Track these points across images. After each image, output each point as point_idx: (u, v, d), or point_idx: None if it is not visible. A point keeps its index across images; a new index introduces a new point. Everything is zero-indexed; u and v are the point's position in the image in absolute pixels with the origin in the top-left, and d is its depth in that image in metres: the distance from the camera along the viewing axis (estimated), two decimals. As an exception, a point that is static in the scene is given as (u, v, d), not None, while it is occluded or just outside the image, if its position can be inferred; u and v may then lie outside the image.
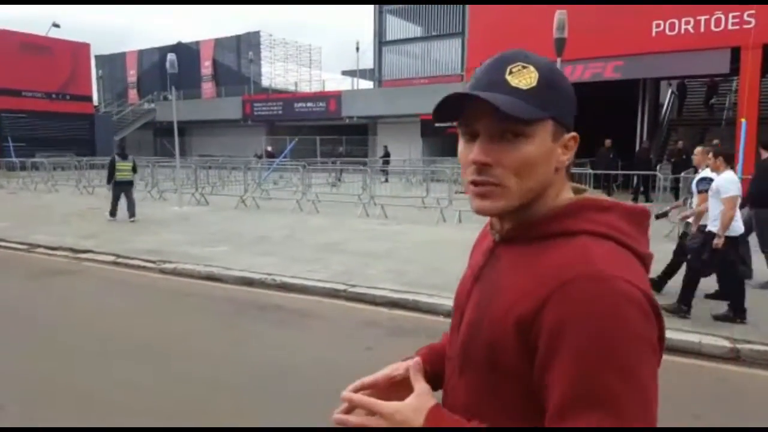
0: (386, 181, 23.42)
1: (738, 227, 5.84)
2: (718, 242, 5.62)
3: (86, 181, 20.59)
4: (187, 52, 48.75)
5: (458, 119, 0.98)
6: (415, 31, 39.10)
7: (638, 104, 17.79)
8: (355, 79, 43.26)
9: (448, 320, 1.16)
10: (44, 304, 6.70)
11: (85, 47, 38.69)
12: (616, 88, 17.29)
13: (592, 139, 15.24)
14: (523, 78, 0.93)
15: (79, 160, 22.88)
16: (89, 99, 39.52)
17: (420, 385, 1.02)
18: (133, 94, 51.95)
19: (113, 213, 12.97)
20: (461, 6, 35.79)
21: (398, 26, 39.49)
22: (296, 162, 23.35)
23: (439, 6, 36.92)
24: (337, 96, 37.79)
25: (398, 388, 1.13)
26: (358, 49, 39.76)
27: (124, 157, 13.06)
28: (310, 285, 7.12)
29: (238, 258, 8.66)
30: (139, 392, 4.20)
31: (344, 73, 48.96)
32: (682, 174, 11.71)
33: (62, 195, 19.28)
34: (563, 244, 0.92)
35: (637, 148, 17.56)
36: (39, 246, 9.91)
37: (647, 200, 15.32)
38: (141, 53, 53.94)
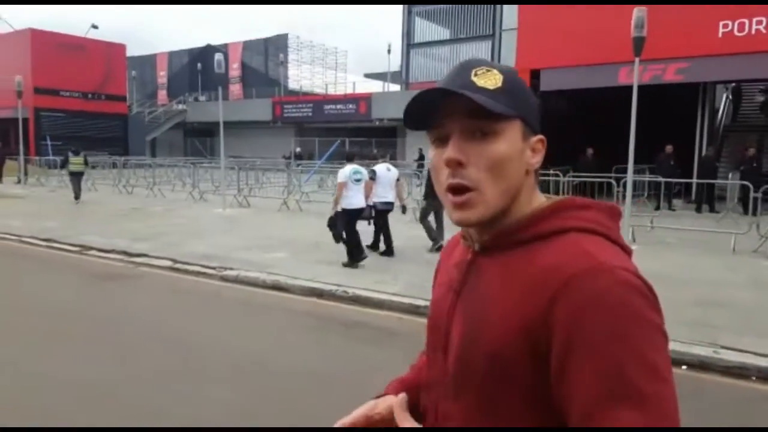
0: (421, 184, 22.97)
1: None
2: None
3: (125, 180, 20.47)
4: (216, 55, 48.85)
5: (429, 125, 0.98)
6: (444, 33, 38.75)
7: (697, 109, 17.05)
8: (382, 82, 43.11)
9: None
10: (110, 313, 6.35)
11: (120, 48, 38.94)
12: (669, 92, 16.65)
13: (650, 145, 14.66)
14: (489, 79, 0.95)
15: (116, 160, 22.83)
16: (123, 99, 39.74)
17: (410, 426, 1.01)
18: (162, 95, 52.26)
19: (77, 197, 16.53)
20: (491, 8, 35.40)
21: (426, 28, 39.17)
22: (336, 165, 23.08)
23: (468, 8, 36.50)
24: (367, 98, 37.54)
25: (378, 428, 1.11)
26: (389, 51, 39.50)
27: (76, 153, 16.96)
28: (386, 299, 6.68)
29: (299, 266, 8.27)
30: (248, 421, 3.79)
31: (367, 75, 48.77)
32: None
33: (102, 194, 19.15)
34: (554, 243, 0.92)
35: (696, 154, 16.86)
36: (91, 248, 9.64)
37: (712, 210, 14.65)
38: (171, 55, 54.33)
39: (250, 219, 13.32)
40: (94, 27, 37.37)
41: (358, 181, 8.44)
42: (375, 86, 44.42)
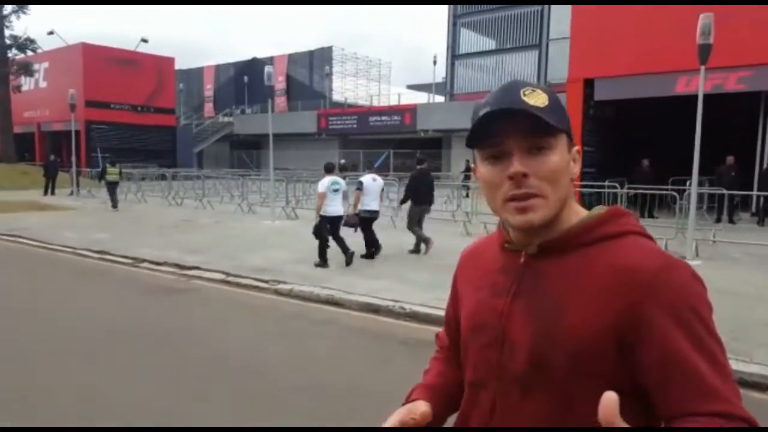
0: (467, 196, 22.66)
1: None
2: None
3: (174, 192, 20.75)
4: (262, 68, 49.55)
5: (485, 142, 1.04)
6: (489, 44, 38.46)
7: (759, 119, 16.31)
8: (426, 93, 43.00)
9: None
10: (170, 330, 6.28)
11: (169, 61, 39.84)
12: (730, 102, 15.97)
13: (709, 156, 14.04)
14: (537, 98, 1.01)
15: (166, 172, 23.20)
16: (172, 111, 40.59)
17: None
18: (209, 107, 53.25)
19: (114, 205, 17.92)
20: (538, 18, 34.99)
21: (471, 39, 38.97)
22: (389, 175, 22.98)
23: (514, 18, 36.24)
24: (412, 109, 37.44)
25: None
26: (435, 62, 39.42)
27: (112, 164, 18.73)
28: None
29: (352, 280, 8.11)
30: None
31: (410, 87, 48.76)
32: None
33: (152, 206, 19.45)
34: (618, 244, 1.01)
35: (756, 166, 16.11)
36: (144, 260, 9.68)
37: (775, 224, 13.95)
38: (218, 68, 55.39)
39: (298, 231, 13.22)
40: (144, 41, 38.36)
41: (336, 191, 9.26)
42: (419, 98, 44.39)
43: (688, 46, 14.01)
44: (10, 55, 32.64)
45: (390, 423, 1.13)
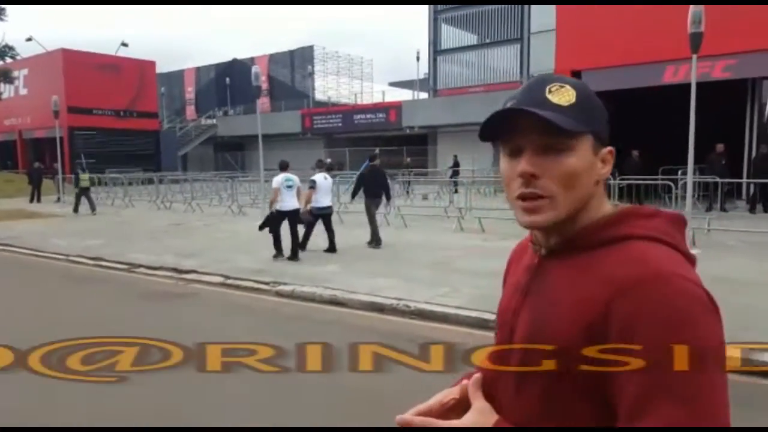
0: (456, 192, 22.68)
1: None
2: None
3: (162, 196, 20.56)
4: (242, 69, 49.42)
5: (502, 137, 1.03)
6: (470, 39, 38.50)
7: (746, 106, 16.48)
8: (408, 90, 42.98)
9: None
10: (175, 335, 6.18)
11: (150, 65, 39.46)
12: (717, 90, 16.12)
13: (698, 145, 14.14)
14: (563, 96, 0.99)
15: (153, 176, 23.01)
16: (155, 115, 40.20)
17: (480, 402, 1.09)
18: (190, 110, 52.87)
19: (76, 209, 18.44)
20: (518, 12, 35.08)
21: (453, 35, 38.99)
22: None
23: (494, 13, 36.31)
24: (397, 106, 37.43)
25: (450, 414, 1.14)
26: (418, 59, 39.36)
27: (83, 170, 19.34)
28: (452, 313, 6.41)
29: (353, 279, 8.07)
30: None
31: (392, 84, 48.74)
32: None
33: (140, 210, 19.27)
34: (619, 249, 0.96)
35: (746, 153, 16.28)
36: (140, 266, 9.56)
37: (767, 210, 14.10)
38: (198, 70, 54.97)
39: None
40: (124, 45, 37.95)
41: (289, 187, 9.93)
42: (400, 95, 44.33)
43: (674, 35, 14.16)
44: (-12, 62, 32.18)
45: (426, 404, 1.16)
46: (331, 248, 10.48)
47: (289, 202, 9.93)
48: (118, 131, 36.25)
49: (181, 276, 8.84)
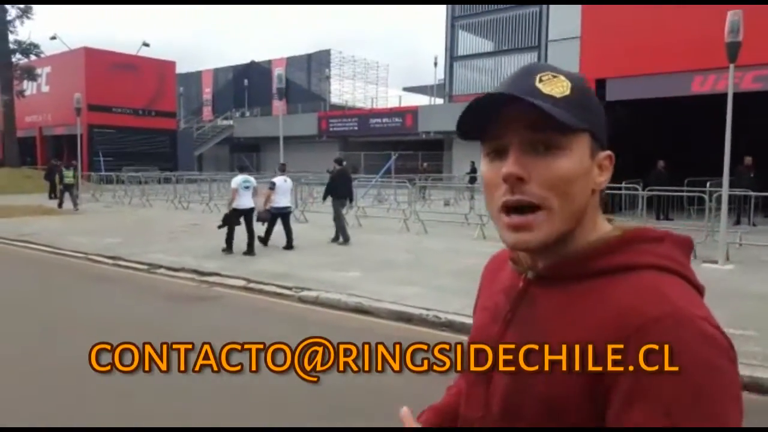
0: (472, 198, 22.49)
1: None
2: None
3: (180, 195, 20.52)
4: (259, 71, 49.64)
5: (484, 135, 0.88)
6: (487, 45, 38.35)
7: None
8: (423, 95, 42.90)
9: None
10: (200, 337, 6.06)
11: (170, 65, 39.67)
12: (746, 101, 15.81)
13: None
14: (556, 86, 0.84)
15: (170, 176, 23.02)
16: (173, 115, 40.42)
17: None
18: (207, 111, 53.14)
19: (61, 205, 19.35)
20: (536, 18, 34.87)
21: (469, 41, 38.87)
22: (386, 179, 22.82)
23: (512, 19, 36.15)
24: (413, 111, 37.38)
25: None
26: (435, 64, 39.33)
27: (67, 168, 19.93)
28: (482, 322, 6.24)
29: (377, 286, 7.91)
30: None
31: (406, 89, 48.66)
32: None
33: (157, 210, 19.24)
34: (627, 281, 0.82)
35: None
36: (160, 266, 9.48)
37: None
38: (216, 72, 55.28)
39: (311, 235, 13.05)
40: (146, 45, 38.17)
41: (247, 188, 10.74)
42: (415, 100, 44.25)
43: (703, 44, 13.94)
44: (14, 59, 32.45)
45: None
46: (288, 245, 11.07)
47: (246, 201, 10.70)
48: (136, 130, 36.44)
49: (203, 278, 8.73)
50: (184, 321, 6.70)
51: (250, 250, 10.44)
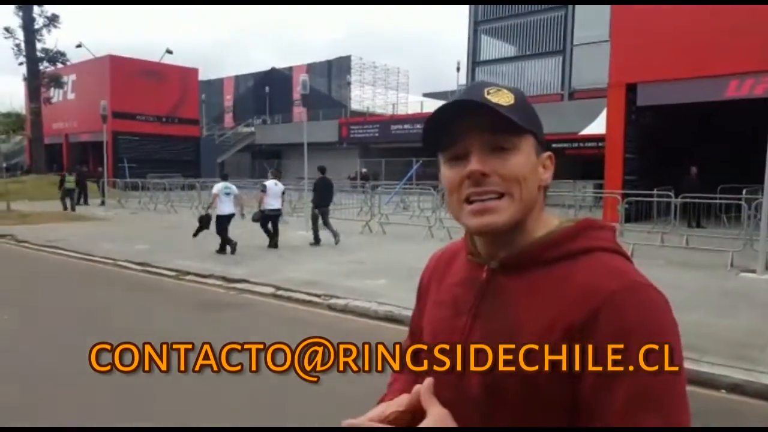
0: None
1: None
2: None
3: (204, 202, 20.59)
4: (280, 78, 49.88)
5: (442, 145, 0.99)
6: (510, 50, 38.09)
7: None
8: (439, 100, 42.71)
9: None
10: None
11: (193, 72, 40.03)
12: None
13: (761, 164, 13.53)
14: (502, 97, 0.96)
15: (195, 182, 23.17)
16: (196, 122, 40.76)
17: (437, 409, 0.93)
18: (228, 118, 53.53)
19: (65, 208, 20.84)
20: (561, 23, 34.52)
21: (492, 46, 38.63)
22: (410, 186, 22.70)
23: (536, 24, 35.82)
24: (436, 118, 37.14)
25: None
26: (458, 69, 39.22)
27: (70, 173, 21.84)
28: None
29: (405, 294, 7.73)
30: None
31: (426, 95, 48.51)
32: None
33: (183, 216, 19.30)
34: (583, 262, 0.94)
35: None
36: (188, 273, 9.48)
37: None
38: (237, 79, 55.69)
39: (331, 240, 12.98)
40: (169, 52, 38.55)
41: (227, 194, 11.50)
42: (435, 106, 43.97)
43: (739, 47, 13.64)
44: (41, 67, 32.98)
45: (372, 414, 0.99)
46: (274, 245, 11.95)
47: (226, 207, 11.45)
48: (159, 137, 36.81)
49: (231, 285, 8.70)
50: (212, 328, 6.64)
51: (221, 250, 11.24)
